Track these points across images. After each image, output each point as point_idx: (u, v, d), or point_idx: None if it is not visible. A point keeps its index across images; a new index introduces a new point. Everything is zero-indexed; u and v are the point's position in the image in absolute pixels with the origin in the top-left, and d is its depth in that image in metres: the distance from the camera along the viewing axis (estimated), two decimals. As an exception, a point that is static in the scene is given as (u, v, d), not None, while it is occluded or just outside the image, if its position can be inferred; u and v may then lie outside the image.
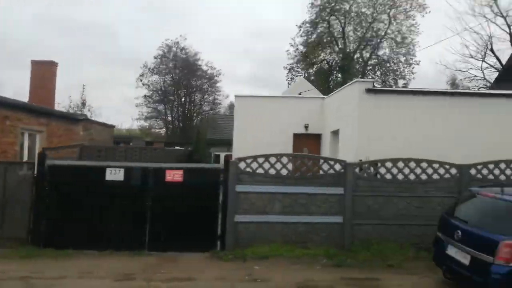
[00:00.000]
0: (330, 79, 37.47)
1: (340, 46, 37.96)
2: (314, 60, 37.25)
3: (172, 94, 45.51)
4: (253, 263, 7.47)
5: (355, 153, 9.76)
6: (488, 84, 20.00)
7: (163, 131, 49.36)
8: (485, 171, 8.38)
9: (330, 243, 8.14)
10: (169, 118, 47.94)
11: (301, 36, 37.39)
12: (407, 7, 36.15)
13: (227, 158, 8.33)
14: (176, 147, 31.55)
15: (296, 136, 14.54)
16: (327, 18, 36.76)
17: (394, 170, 8.32)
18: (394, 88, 11.92)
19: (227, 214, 8.02)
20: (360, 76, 36.67)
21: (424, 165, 8.32)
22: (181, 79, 46.00)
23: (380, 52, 38.04)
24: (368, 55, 38.42)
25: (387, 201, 8.22)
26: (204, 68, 45.67)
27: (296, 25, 37.74)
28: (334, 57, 38.41)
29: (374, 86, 10.08)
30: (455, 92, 11.20)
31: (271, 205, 8.12)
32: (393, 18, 36.47)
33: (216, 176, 8.11)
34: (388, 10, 36.56)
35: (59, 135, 15.26)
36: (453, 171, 8.35)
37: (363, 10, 37.56)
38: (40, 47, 62.11)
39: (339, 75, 37.18)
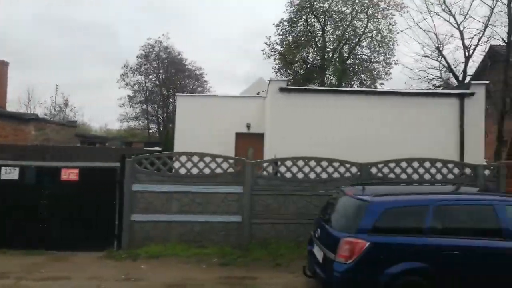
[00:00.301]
0: (309, 78, 37.37)
1: (319, 45, 37.89)
2: (291, 59, 37.11)
3: (157, 94, 45.54)
4: (142, 262, 7.44)
5: (269, 152, 9.72)
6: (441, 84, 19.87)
7: (146, 131, 49.39)
8: (386, 170, 8.34)
9: (228, 243, 8.10)
10: (154, 118, 47.98)
11: (278, 35, 37.30)
12: (384, 6, 36.09)
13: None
14: (156, 148, 31.51)
15: (239, 136, 14.50)
16: (304, 17, 36.68)
17: (295, 169, 8.28)
18: (308, 87, 11.80)
19: (123, 214, 7.98)
20: (337, 75, 36.70)
21: (324, 163, 8.28)
22: (166, 79, 46.02)
23: (360, 52, 37.90)
24: (347, 54, 38.30)
25: (287, 200, 8.18)
26: (191, 67, 45.70)
27: (274, 24, 37.67)
28: (313, 56, 38.35)
29: (288, 85, 10.03)
30: (369, 91, 11.14)
31: (169, 204, 8.08)
32: (371, 17, 36.41)
33: (113, 175, 8.07)
34: (365, 9, 36.50)
35: (5, 135, 15.21)
36: (354, 169, 8.31)
37: (343, 9, 37.53)
38: (40, 47, 62.17)
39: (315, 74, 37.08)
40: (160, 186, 8.05)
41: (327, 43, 38.34)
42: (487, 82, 10.81)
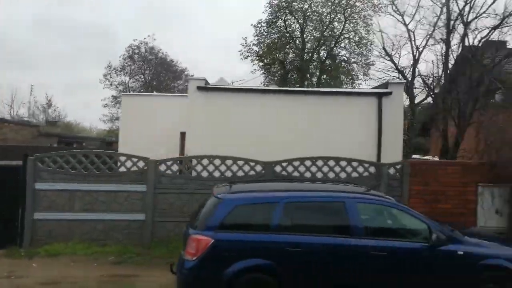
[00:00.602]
0: (288, 79, 37.39)
1: (298, 46, 37.91)
2: (270, 60, 37.12)
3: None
4: (37, 260, 7.47)
5: (187, 150, 9.77)
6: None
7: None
8: (290, 168, 8.38)
9: (131, 241, 8.14)
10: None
11: (256, 35, 37.29)
12: (363, 6, 36.11)
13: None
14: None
15: (184, 135, 14.49)
16: (283, 17, 36.68)
17: (199, 168, 8.32)
18: (227, 86, 11.79)
19: (25, 212, 8.00)
20: (316, 76, 36.78)
21: (229, 162, 8.31)
22: (154, 79, 46.05)
23: (337, 52, 37.89)
24: (325, 55, 38.33)
25: (191, 198, 8.20)
26: (180, 67, 45.78)
27: (252, 25, 37.66)
28: (291, 57, 38.34)
29: (206, 84, 10.06)
30: (289, 90, 11.17)
31: (72, 203, 8.10)
32: (348, 18, 36.43)
33: (16, 173, 8.09)
34: (343, 10, 36.51)
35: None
36: (259, 168, 8.35)
37: (321, 9, 37.54)
38: (39, 47, 62.11)
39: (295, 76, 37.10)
40: (63, 184, 8.08)
41: (306, 44, 38.45)
42: (405, 81, 10.86)
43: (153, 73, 46.63)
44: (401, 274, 5.20)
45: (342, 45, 38.12)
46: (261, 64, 37.28)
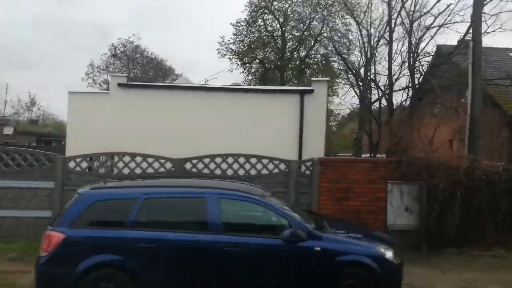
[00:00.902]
0: (268, 78, 37.34)
1: (278, 45, 37.89)
2: (250, 59, 37.11)
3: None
4: None
5: (110, 148, 9.74)
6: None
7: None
8: (200, 165, 8.38)
9: (38, 238, 8.08)
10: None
11: (235, 34, 37.23)
12: (340, 7, 36.01)
13: None
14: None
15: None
16: (261, 17, 36.65)
17: (119, 164, 8.31)
18: (147, 83, 11.79)
19: None
20: (295, 76, 36.78)
21: (139, 159, 8.30)
22: (143, 78, 46.03)
23: (315, 52, 37.86)
24: (304, 54, 38.31)
25: (100, 196, 8.17)
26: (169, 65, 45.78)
27: (231, 24, 37.60)
28: (271, 57, 38.30)
29: (128, 81, 10.05)
30: (211, 87, 11.15)
31: (-22, 199, 8.08)
32: (327, 17, 36.39)
33: None
34: (322, 10, 36.48)
35: None
36: (169, 165, 8.34)
37: (300, 9, 37.51)
38: (39, 48, 62.06)
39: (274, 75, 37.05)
40: (-31, 181, 8.06)
41: (287, 43, 38.42)
42: (327, 78, 10.88)
43: (142, 71, 46.70)
44: (258, 270, 5.19)
45: (323, 44, 38.34)
46: (239, 62, 37.34)
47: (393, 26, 12.46)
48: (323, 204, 8.38)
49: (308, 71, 37.78)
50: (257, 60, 37.31)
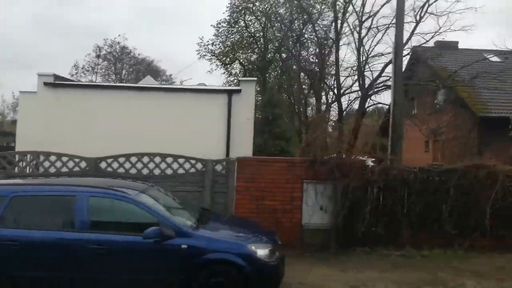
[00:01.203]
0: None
1: (260, 46, 37.86)
2: (231, 59, 37.06)
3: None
4: None
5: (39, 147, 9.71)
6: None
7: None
8: (115, 165, 8.36)
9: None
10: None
11: (215, 35, 37.19)
12: (322, 8, 35.99)
13: None
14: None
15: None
16: (242, 18, 36.62)
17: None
18: (76, 82, 11.76)
19: None
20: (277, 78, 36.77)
21: (53, 158, 8.28)
22: (132, 78, 46.02)
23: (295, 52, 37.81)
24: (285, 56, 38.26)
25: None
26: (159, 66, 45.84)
27: (212, 25, 37.58)
28: (254, 58, 38.23)
29: (56, 80, 10.02)
30: (142, 87, 11.12)
31: None
32: (309, 19, 36.36)
33: None
34: (303, 11, 36.41)
35: None
36: (83, 164, 8.32)
37: (281, 10, 37.48)
38: (38, 48, 61.98)
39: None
40: None
41: (269, 44, 38.36)
42: (255, 79, 10.88)
43: (133, 72, 46.79)
44: (124, 268, 5.18)
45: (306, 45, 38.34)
46: (219, 63, 37.28)
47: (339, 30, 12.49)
48: (240, 203, 8.37)
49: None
50: (237, 61, 37.33)
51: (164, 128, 9.84)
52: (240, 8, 36.55)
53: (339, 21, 16.32)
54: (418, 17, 14.16)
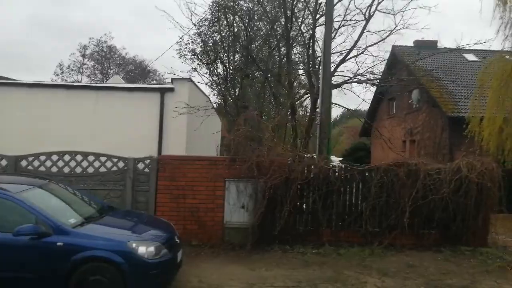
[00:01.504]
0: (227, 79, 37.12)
1: (243, 45, 37.71)
2: (209, 60, 36.93)
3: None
4: None
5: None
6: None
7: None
8: (36, 163, 8.31)
9: None
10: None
11: (196, 35, 37.08)
12: (307, 5, 35.86)
13: None
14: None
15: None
16: (223, 17, 36.51)
17: None
18: (13, 81, 11.65)
19: None
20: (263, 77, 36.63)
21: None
22: (124, 78, 45.86)
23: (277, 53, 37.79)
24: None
25: None
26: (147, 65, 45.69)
27: (194, 24, 37.41)
28: (237, 58, 38.10)
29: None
30: (75, 85, 11.11)
31: None
32: (295, 18, 36.29)
33: None
34: (282, 10, 36.36)
35: None
36: (4, 162, 8.26)
37: (267, 8, 37.34)
38: (38, 48, 61.69)
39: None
40: None
41: (252, 44, 38.20)
42: (189, 78, 10.88)
43: (123, 71, 46.72)
44: (1, 265, 5.16)
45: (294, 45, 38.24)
46: (199, 63, 37.13)
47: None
48: (161, 202, 8.35)
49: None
50: (217, 60, 37.22)
51: (96, 127, 9.80)
52: (220, 7, 36.53)
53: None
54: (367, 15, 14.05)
